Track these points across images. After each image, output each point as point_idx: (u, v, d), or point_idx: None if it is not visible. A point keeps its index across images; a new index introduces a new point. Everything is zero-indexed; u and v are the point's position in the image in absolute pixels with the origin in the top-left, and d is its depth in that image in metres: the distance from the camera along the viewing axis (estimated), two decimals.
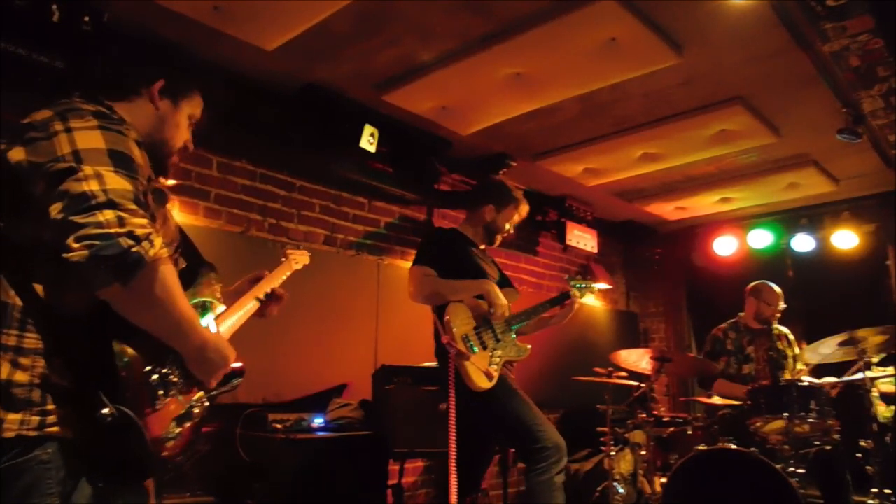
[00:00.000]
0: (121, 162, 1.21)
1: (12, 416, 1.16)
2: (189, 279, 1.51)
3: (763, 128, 4.17)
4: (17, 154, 1.22)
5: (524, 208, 3.18)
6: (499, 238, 3.17)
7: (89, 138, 1.21)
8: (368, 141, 3.94)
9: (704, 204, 5.75)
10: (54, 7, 2.71)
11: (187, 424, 1.39)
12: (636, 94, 3.80)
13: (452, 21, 3.11)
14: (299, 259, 2.13)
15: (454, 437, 2.58)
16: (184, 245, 1.57)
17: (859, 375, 3.51)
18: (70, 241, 1.11)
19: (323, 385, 3.76)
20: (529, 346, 2.99)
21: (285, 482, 3.08)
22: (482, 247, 3.17)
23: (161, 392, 1.31)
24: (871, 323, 3.42)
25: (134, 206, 1.17)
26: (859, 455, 3.55)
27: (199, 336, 1.34)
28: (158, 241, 1.19)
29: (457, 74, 3.50)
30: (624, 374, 4.13)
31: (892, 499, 3.38)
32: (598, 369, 4.18)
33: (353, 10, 2.97)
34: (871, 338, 3.45)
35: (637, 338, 6.84)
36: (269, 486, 3.08)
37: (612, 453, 4.05)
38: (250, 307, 1.76)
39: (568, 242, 5.64)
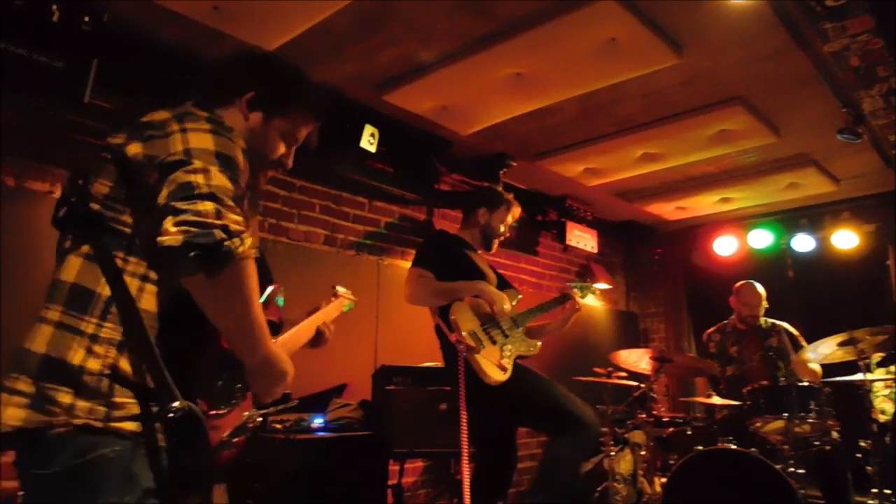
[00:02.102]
0: (226, 164, 1.26)
1: (82, 404, 1.18)
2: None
3: (763, 128, 4.17)
4: (134, 148, 1.28)
5: (516, 210, 3.23)
6: (495, 242, 3.22)
7: (201, 139, 1.27)
8: (368, 141, 3.94)
9: (704, 204, 5.75)
10: (54, 7, 2.72)
11: (241, 437, 1.40)
12: (636, 94, 3.80)
13: (452, 21, 3.11)
14: (349, 299, 2.18)
15: (466, 436, 2.61)
16: (258, 260, 1.58)
17: (859, 376, 3.51)
18: (168, 225, 1.13)
19: (323, 385, 3.75)
20: (539, 343, 3.01)
21: (285, 482, 3.08)
22: (480, 251, 3.21)
23: (225, 400, 1.34)
24: (871, 323, 3.42)
25: (232, 204, 1.21)
26: (859, 455, 3.55)
27: (267, 347, 1.34)
28: (248, 241, 1.21)
29: (457, 74, 3.50)
30: (624, 374, 4.14)
31: (893, 499, 3.38)
32: (597, 369, 4.18)
33: (353, 10, 2.97)
34: (871, 338, 3.45)
35: (637, 338, 6.84)
36: (269, 486, 3.08)
37: (612, 453, 4.05)
38: (307, 334, 1.80)
39: (568, 242, 5.64)
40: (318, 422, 3.39)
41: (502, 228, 3.17)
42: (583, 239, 5.76)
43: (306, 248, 4.06)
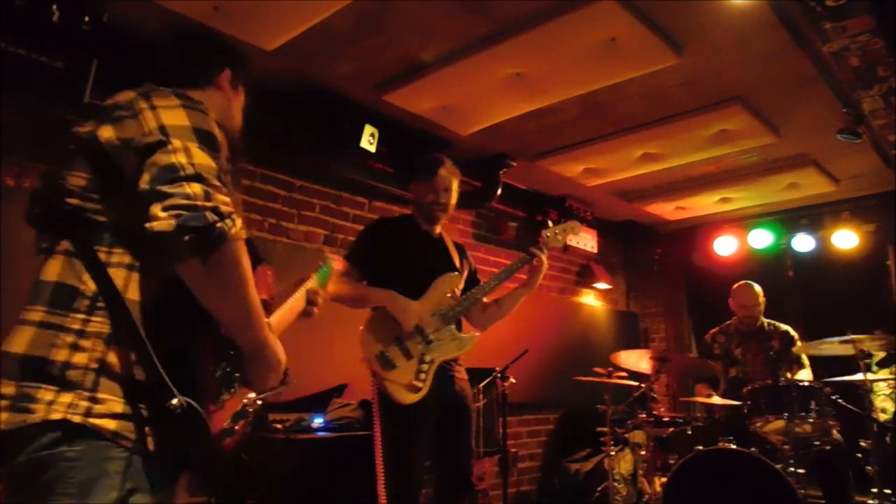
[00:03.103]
0: (205, 139, 1.22)
1: (63, 398, 1.14)
2: None
3: (763, 128, 4.17)
4: (106, 132, 1.24)
5: (441, 170, 2.77)
6: (437, 215, 2.81)
7: (174, 115, 1.23)
8: (368, 141, 3.94)
9: (704, 204, 5.75)
10: (54, 7, 2.72)
11: (242, 423, 1.39)
12: (636, 94, 3.80)
13: (452, 21, 3.11)
14: (332, 258, 2.07)
15: (380, 459, 2.52)
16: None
17: (859, 375, 3.51)
18: (156, 210, 1.10)
19: (323, 385, 3.75)
20: (476, 334, 2.72)
21: (285, 482, 3.08)
22: (438, 230, 2.89)
23: (224, 388, 1.33)
24: (871, 323, 3.42)
25: (218, 183, 1.18)
26: (859, 455, 3.55)
27: (264, 332, 1.32)
28: (239, 222, 1.19)
29: (457, 74, 3.50)
30: (624, 374, 4.13)
31: (893, 499, 3.38)
32: (598, 369, 4.17)
33: (353, 10, 2.97)
34: (871, 338, 3.45)
35: (637, 338, 6.83)
36: (269, 486, 3.08)
37: (612, 453, 4.05)
38: (298, 307, 1.70)
39: (568, 242, 5.61)
40: (318, 422, 3.39)
41: (430, 197, 2.76)
42: (583, 239, 5.76)
43: (306, 248, 4.06)
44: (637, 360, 4.02)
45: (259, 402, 1.45)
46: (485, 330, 2.90)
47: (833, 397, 3.51)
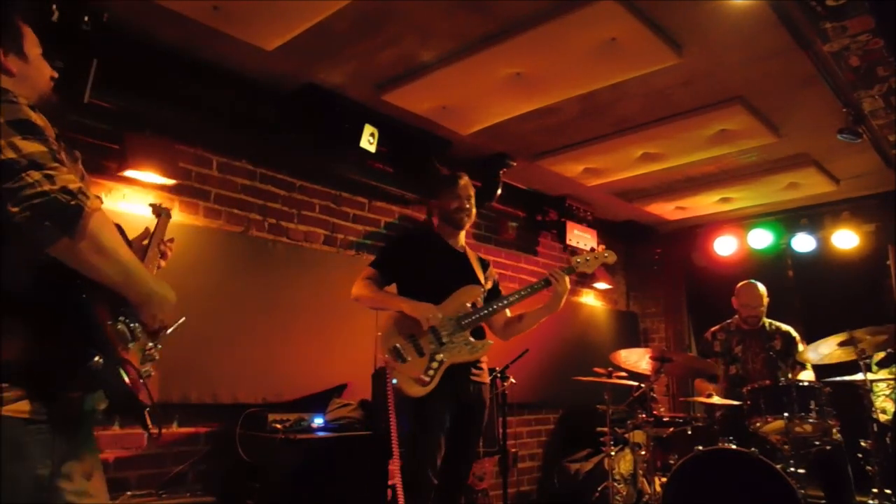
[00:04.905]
0: (25, 129, 1.25)
1: None
2: None
3: (763, 128, 4.17)
4: None
5: (461, 181, 3.02)
6: (461, 219, 3.01)
7: None
8: (368, 141, 3.94)
9: (704, 204, 5.75)
10: (54, 7, 2.71)
11: (151, 364, 1.53)
12: (636, 94, 3.80)
13: (452, 21, 3.11)
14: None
15: (396, 448, 2.66)
16: None
17: (860, 375, 3.50)
18: (9, 208, 1.17)
19: (323, 385, 3.76)
20: (490, 343, 2.88)
21: (285, 482, 3.08)
22: (462, 241, 3.09)
23: (129, 338, 1.43)
24: (871, 323, 3.42)
25: (56, 164, 1.23)
26: (859, 455, 3.55)
27: (147, 280, 1.43)
28: (91, 194, 1.27)
29: (457, 74, 3.50)
30: (624, 374, 4.13)
31: (893, 499, 3.38)
32: (598, 369, 4.18)
33: (353, 10, 2.97)
34: (871, 337, 3.45)
35: (637, 338, 6.84)
36: (269, 486, 3.08)
37: (612, 453, 4.05)
38: (155, 261, 1.81)
39: (568, 242, 5.64)
40: (318, 422, 3.39)
41: (455, 204, 2.98)
42: (583, 239, 5.76)
43: (306, 248, 4.06)
44: (637, 359, 4.02)
45: (160, 346, 1.58)
46: (506, 340, 3.12)
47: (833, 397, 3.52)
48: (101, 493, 1.43)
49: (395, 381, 2.71)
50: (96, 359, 1.29)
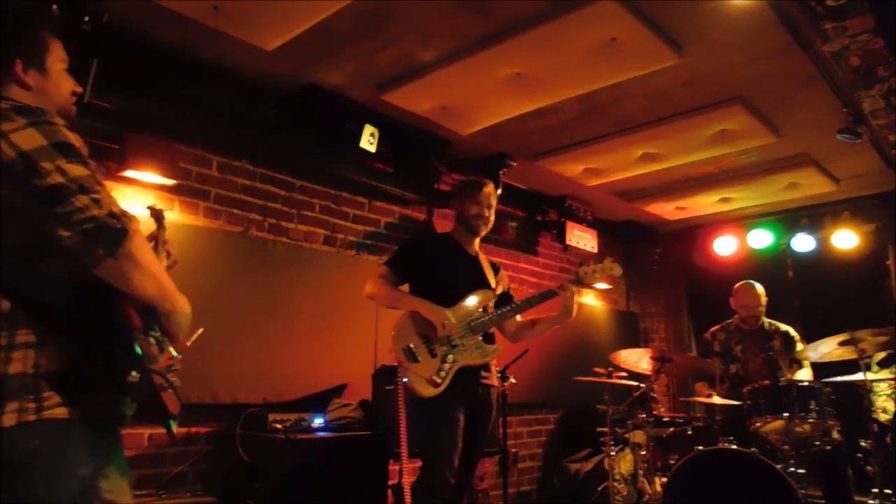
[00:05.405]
0: (68, 151, 1.28)
1: (10, 406, 1.24)
2: None
3: (763, 128, 4.17)
4: None
5: (486, 188, 3.05)
6: (479, 225, 3.05)
7: (27, 137, 1.26)
8: (368, 141, 3.94)
9: (704, 204, 5.75)
10: (54, 7, 2.71)
11: (172, 375, 1.56)
12: (636, 94, 3.80)
13: (452, 21, 3.11)
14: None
15: (405, 445, 2.69)
16: None
17: (860, 375, 3.50)
18: (59, 232, 1.21)
19: (323, 385, 3.75)
20: (499, 347, 2.95)
21: (285, 482, 3.08)
22: (476, 246, 3.14)
23: (159, 350, 1.48)
24: (871, 323, 3.42)
25: (101, 188, 1.28)
26: (860, 455, 3.55)
27: (174, 294, 1.47)
28: (132, 215, 1.32)
29: (457, 74, 3.50)
30: (624, 374, 4.13)
31: (893, 499, 3.38)
32: (598, 369, 4.17)
33: (353, 10, 2.97)
34: (871, 338, 3.45)
35: (637, 338, 6.84)
36: (269, 486, 3.08)
37: (612, 453, 4.05)
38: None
39: (568, 242, 5.64)
40: (318, 422, 3.39)
41: (475, 210, 3.02)
42: (583, 239, 5.76)
43: (306, 248, 4.06)
44: (637, 359, 4.02)
45: (179, 356, 1.62)
46: (515, 343, 3.21)
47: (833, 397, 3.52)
48: (127, 494, 1.47)
49: (405, 379, 2.72)
50: (133, 373, 1.35)
